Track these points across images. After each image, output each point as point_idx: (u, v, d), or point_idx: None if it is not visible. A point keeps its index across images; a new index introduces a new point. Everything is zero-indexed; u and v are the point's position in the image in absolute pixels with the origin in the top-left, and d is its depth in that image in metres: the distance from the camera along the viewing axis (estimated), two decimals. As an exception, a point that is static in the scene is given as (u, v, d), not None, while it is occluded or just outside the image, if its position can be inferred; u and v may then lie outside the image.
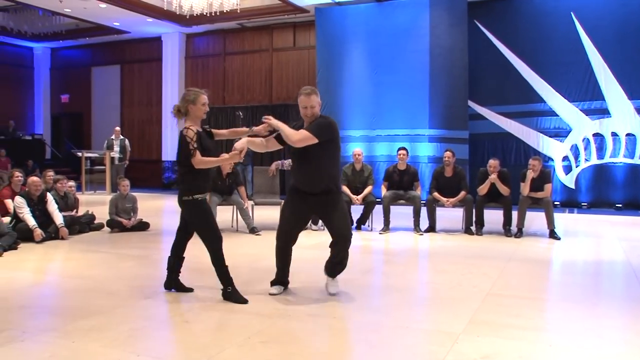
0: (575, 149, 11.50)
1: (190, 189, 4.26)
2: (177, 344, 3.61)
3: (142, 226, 8.10)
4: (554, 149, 11.65)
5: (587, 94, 11.36)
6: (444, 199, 7.90)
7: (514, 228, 7.71)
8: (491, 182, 7.69)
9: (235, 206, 8.00)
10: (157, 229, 8.31)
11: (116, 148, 14.03)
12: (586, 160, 11.43)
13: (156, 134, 16.38)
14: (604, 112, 11.28)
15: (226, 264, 4.32)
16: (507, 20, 11.95)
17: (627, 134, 11.12)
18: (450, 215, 8.64)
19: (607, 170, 11.32)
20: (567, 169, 11.58)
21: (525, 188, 7.66)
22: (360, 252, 6.82)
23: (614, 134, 11.21)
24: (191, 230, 4.54)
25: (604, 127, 11.29)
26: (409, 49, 12.00)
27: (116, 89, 17.39)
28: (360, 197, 8.06)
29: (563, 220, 9.40)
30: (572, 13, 11.32)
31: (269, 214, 8.55)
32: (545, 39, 11.56)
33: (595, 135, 11.36)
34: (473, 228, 7.89)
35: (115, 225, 7.91)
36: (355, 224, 8.21)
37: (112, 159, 13.94)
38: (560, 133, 11.61)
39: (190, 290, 4.60)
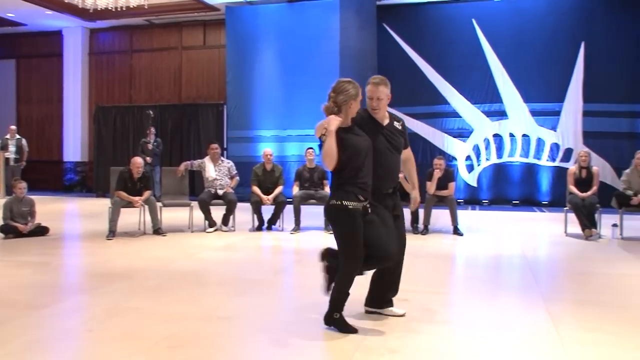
0: (476, 149, 12.10)
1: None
2: (80, 354, 3.44)
3: (41, 231, 7.66)
4: (458, 149, 12.19)
5: (487, 97, 11.97)
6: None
7: (420, 225, 7.98)
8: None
9: (147, 207, 7.74)
10: (58, 234, 7.89)
11: (11, 148, 13.16)
12: (487, 159, 12.05)
13: (57, 133, 15.52)
14: (502, 114, 11.94)
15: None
16: (414, 25, 12.36)
17: (523, 135, 11.82)
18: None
19: (505, 169, 11.99)
20: (470, 168, 12.15)
21: (431, 187, 7.96)
22: (271, 252, 6.83)
23: (511, 135, 11.89)
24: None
25: (503, 128, 11.95)
26: (319, 50, 12.12)
27: (11, 85, 16.33)
28: (270, 197, 8.06)
29: (466, 217, 9.84)
30: (473, 20, 11.89)
31: (177, 215, 8.37)
32: (449, 43, 12.07)
33: (495, 135, 12.00)
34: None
35: (10, 231, 7.42)
36: (265, 225, 8.21)
37: (7, 159, 13.08)
38: (463, 133, 12.17)
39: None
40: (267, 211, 8.24)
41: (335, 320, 3.68)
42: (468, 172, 12.17)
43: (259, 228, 8.21)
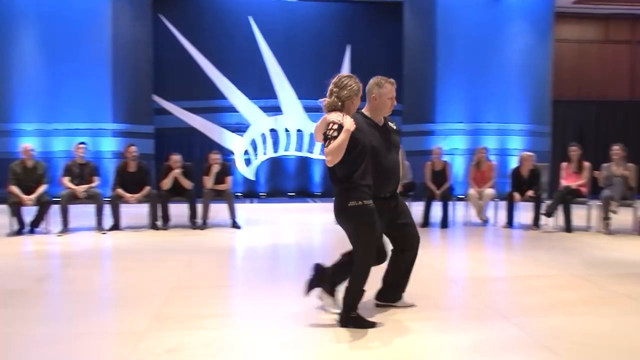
0: (254, 144, 12.40)
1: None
2: None
3: None
4: (236, 144, 12.36)
5: (263, 93, 12.33)
6: (128, 195, 7.68)
7: (199, 220, 7.93)
8: (174, 176, 7.79)
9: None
10: None
11: None
12: (264, 153, 12.43)
13: None
14: (278, 110, 12.42)
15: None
16: (191, 17, 12.18)
17: (297, 130, 12.45)
18: (136, 211, 8.44)
19: (281, 163, 12.51)
20: (248, 162, 12.42)
21: (208, 181, 7.95)
22: (34, 258, 6.19)
23: (287, 130, 12.44)
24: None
25: (278, 124, 12.44)
26: (88, 38, 11.28)
27: None
28: (32, 197, 7.31)
29: (244, 210, 10.04)
30: (249, 16, 12.13)
31: None
32: (227, 37, 12.16)
33: (271, 130, 12.44)
34: (159, 223, 7.87)
35: None
36: (27, 228, 7.42)
37: None
38: (241, 128, 12.38)
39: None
40: (29, 213, 7.46)
41: (353, 320, 3.66)
42: (246, 166, 12.42)
43: (19, 232, 7.39)
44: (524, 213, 8.30)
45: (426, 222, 8.10)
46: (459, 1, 11.89)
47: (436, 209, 8.22)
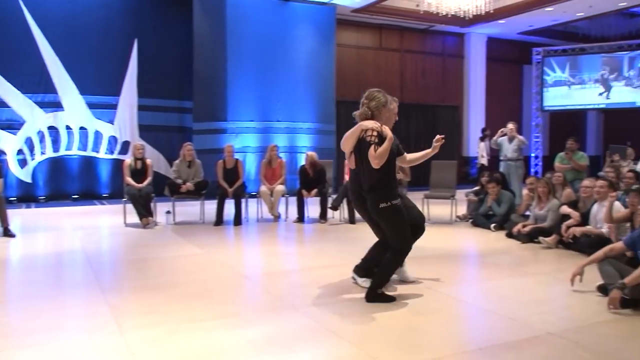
0: (30, 142, 11.23)
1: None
2: None
3: None
4: (7, 142, 11.06)
5: (40, 87, 11.20)
6: None
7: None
8: None
9: None
10: None
11: None
12: (42, 153, 11.32)
13: None
14: (57, 106, 11.38)
15: None
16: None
17: (81, 128, 11.56)
18: None
19: (63, 163, 11.51)
20: (23, 163, 11.20)
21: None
22: None
23: (68, 128, 11.47)
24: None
25: (59, 121, 11.41)
26: None
27: None
28: None
29: (20, 216, 9.09)
30: (20, 1, 10.91)
31: None
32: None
33: (50, 128, 11.36)
34: None
35: None
36: None
37: None
38: (13, 125, 11.09)
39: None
40: None
41: (379, 296, 4.26)
42: (21, 167, 11.19)
43: None
44: (313, 207, 8.78)
45: (219, 220, 8.12)
46: (249, 1, 12.11)
47: (229, 207, 8.29)
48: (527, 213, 7.29)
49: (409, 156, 4.61)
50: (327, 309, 4.13)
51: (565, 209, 6.55)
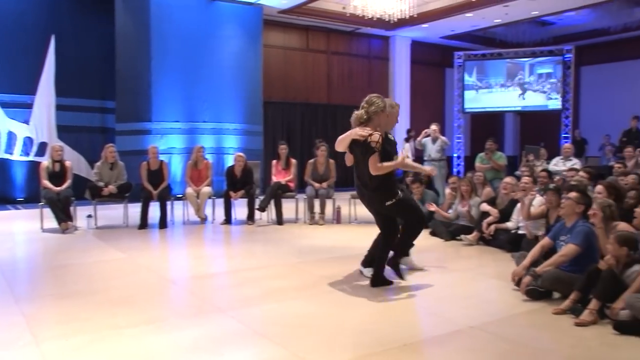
0: None
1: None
2: None
3: None
4: None
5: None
6: None
7: None
8: None
9: None
10: None
11: None
12: (-51, 155, 10.60)
13: None
14: (-35, 105, 10.71)
15: None
16: None
17: (-8, 128, 10.93)
18: None
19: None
20: None
21: None
22: None
23: (-22, 128, 10.82)
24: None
25: (-33, 121, 10.74)
26: None
27: None
28: None
29: None
30: None
31: None
32: None
33: (-42, 128, 10.67)
34: None
35: None
36: None
37: None
38: None
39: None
40: None
41: (398, 264, 4.94)
42: None
43: None
44: (241, 209, 8.69)
45: (144, 224, 7.89)
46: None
47: (154, 210, 8.07)
48: (450, 211, 7.52)
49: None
50: (255, 311, 4.10)
51: (484, 207, 6.82)
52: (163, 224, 7.98)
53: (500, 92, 15.07)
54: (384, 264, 4.83)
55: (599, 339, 3.53)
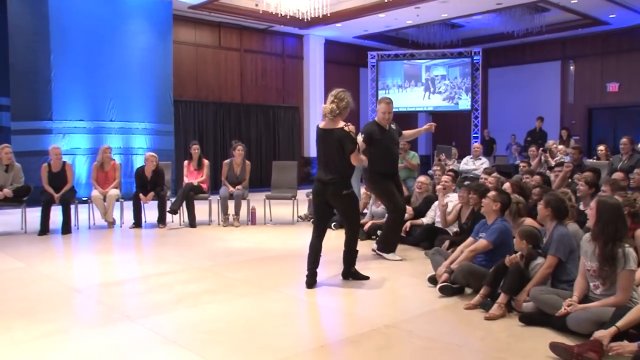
0: None
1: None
2: None
3: None
4: None
5: None
6: None
7: None
8: None
9: None
10: None
11: None
12: None
13: None
14: None
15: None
16: None
17: None
18: None
19: None
20: None
21: None
22: None
23: None
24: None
25: None
26: None
27: None
28: None
29: None
30: None
31: None
32: None
33: None
34: None
35: None
36: None
37: None
38: None
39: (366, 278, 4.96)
40: None
41: (354, 274, 5.02)
42: None
43: None
44: (151, 212, 8.36)
45: (44, 229, 7.39)
46: (74, -8, 11.19)
47: (56, 214, 7.60)
48: (365, 211, 7.59)
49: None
50: (166, 318, 3.92)
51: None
52: (67, 229, 7.51)
53: (412, 92, 15.51)
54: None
55: (507, 331, 3.65)
